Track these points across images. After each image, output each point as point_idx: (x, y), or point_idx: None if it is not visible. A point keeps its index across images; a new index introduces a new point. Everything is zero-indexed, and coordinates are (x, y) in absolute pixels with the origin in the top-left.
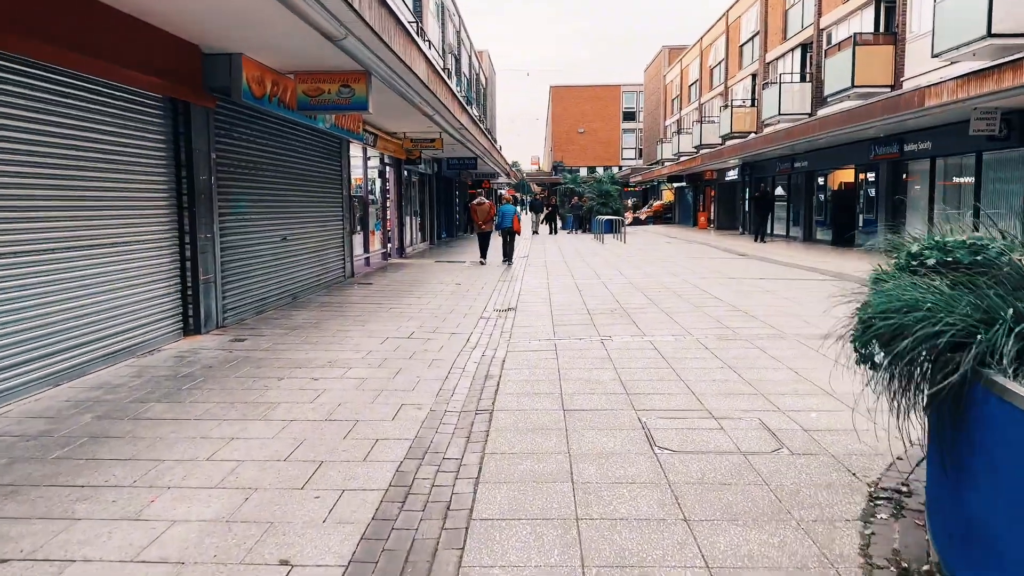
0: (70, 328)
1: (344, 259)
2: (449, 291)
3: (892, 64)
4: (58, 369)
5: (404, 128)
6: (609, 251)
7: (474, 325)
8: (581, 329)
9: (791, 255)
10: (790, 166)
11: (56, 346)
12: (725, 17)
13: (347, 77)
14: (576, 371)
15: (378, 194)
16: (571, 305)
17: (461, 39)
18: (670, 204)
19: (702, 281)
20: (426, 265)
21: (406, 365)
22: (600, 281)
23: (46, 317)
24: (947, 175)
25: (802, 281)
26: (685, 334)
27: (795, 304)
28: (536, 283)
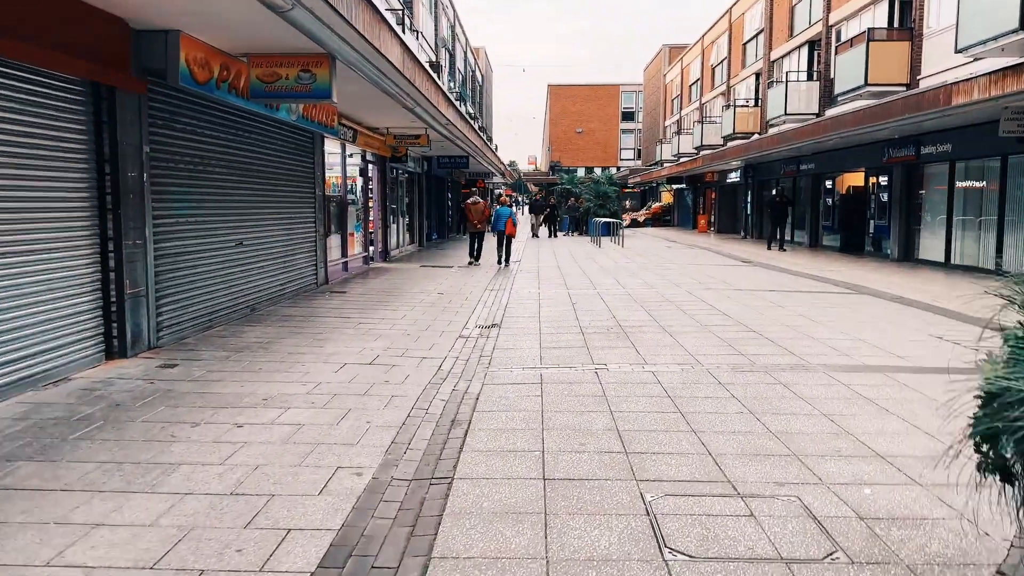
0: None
1: (316, 265)
2: (430, 302)
3: (908, 61)
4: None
5: (386, 123)
6: (606, 256)
7: (450, 346)
8: (572, 353)
9: (798, 263)
10: (796, 168)
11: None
12: (728, 14)
13: (308, 61)
14: (563, 415)
15: (359, 194)
16: (562, 321)
17: (455, 34)
18: (669, 206)
19: (707, 293)
20: (410, 270)
21: (358, 404)
22: (596, 292)
23: None
24: (968, 179)
25: (816, 295)
26: (693, 363)
27: (813, 324)
28: (526, 293)
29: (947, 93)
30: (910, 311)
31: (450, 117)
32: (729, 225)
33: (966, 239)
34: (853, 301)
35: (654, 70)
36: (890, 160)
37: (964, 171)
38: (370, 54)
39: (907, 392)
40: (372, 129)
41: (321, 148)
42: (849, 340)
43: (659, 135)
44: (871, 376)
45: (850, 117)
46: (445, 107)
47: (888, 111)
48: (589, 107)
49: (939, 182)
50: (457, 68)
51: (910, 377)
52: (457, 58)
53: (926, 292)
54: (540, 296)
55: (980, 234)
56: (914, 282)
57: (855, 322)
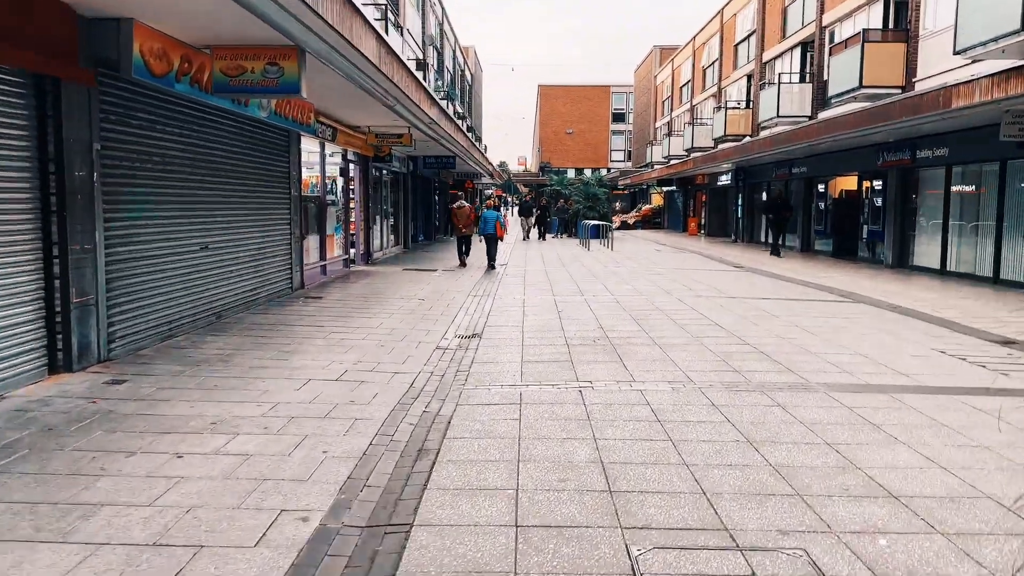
0: None
1: (291, 269)
2: (409, 308)
3: (903, 63)
4: None
5: (367, 121)
6: (595, 260)
7: (426, 360)
8: (555, 369)
9: (791, 268)
10: (788, 171)
11: None
12: (720, 15)
13: (275, 53)
14: (542, 444)
15: (339, 194)
16: (547, 331)
17: (444, 32)
18: (659, 208)
19: (698, 301)
20: (392, 274)
21: (316, 430)
22: (583, 299)
23: None
24: (965, 184)
25: (811, 303)
26: (684, 380)
27: (810, 336)
28: (510, 299)
29: (947, 95)
30: (909, 322)
31: (433, 116)
32: (719, 228)
33: (963, 246)
34: (850, 311)
35: (645, 71)
36: (885, 164)
37: (961, 176)
38: (342, 47)
39: (915, 416)
40: (353, 128)
41: (297, 147)
42: (848, 355)
43: (649, 137)
44: (875, 397)
45: (846, 119)
46: (428, 105)
47: (886, 113)
48: (579, 108)
49: (935, 187)
50: (446, 67)
51: (917, 399)
52: (445, 57)
53: (924, 301)
54: (525, 303)
55: (977, 241)
56: (910, 290)
57: (854, 334)
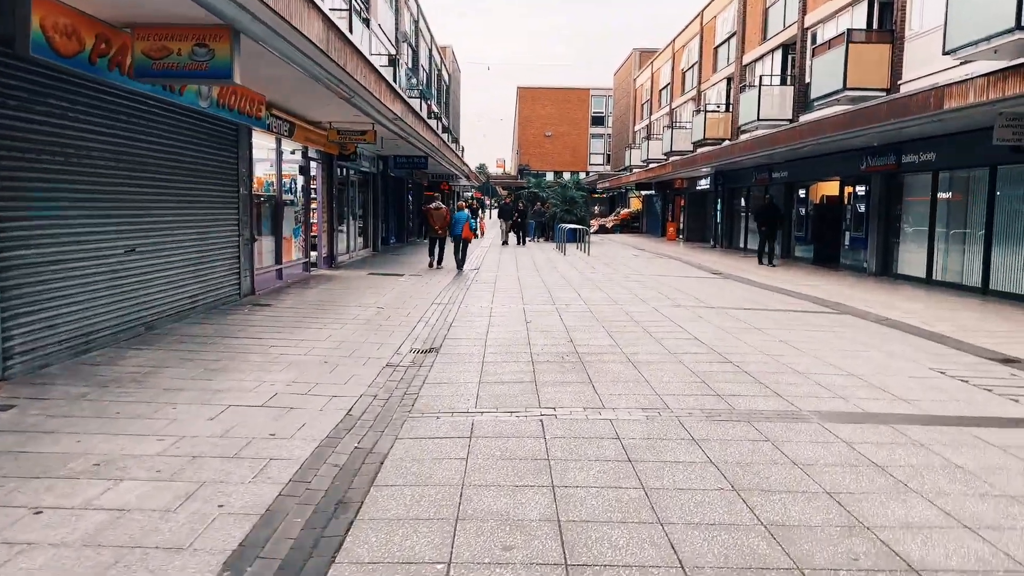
0: None
1: (239, 273)
2: (366, 318)
3: (888, 65)
4: None
5: (327, 116)
6: (570, 265)
7: (372, 379)
8: (516, 392)
9: (771, 276)
10: (768, 176)
11: None
12: (700, 17)
13: (204, 34)
14: (489, 493)
15: (298, 194)
16: (512, 345)
17: (419, 30)
18: (637, 213)
19: (676, 312)
20: (355, 279)
21: (218, 474)
22: (554, 308)
23: None
24: (953, 190)
25: (795, 315)
26: (660, 407)
27: (797, 352)
28: (476, 308)
29: (938, 96)
30: (900, 336)
31: (398, 112)
32: (698, 233)
33: (950, 254)
34: (836, 323)
35: (624, 74)
36: (869, 169)
37: (948, 182)
38: (281, 28)
39: (923, 455)
40: (313, 124)
41: (248, 142)
42: (840, 375)
43: (628, 140)
44: (875, 430)
45: (831, 121)
46: (391, 100)
47: (873, 115)
48: (559, 110)
49: (921, 193)
50: (421, 65)
51: (922, 432)
52: (421, 55)
53: (913, 313)
54: (492, 312)
55: (965, 249)
56: (897, 300)
57: (843, 351)
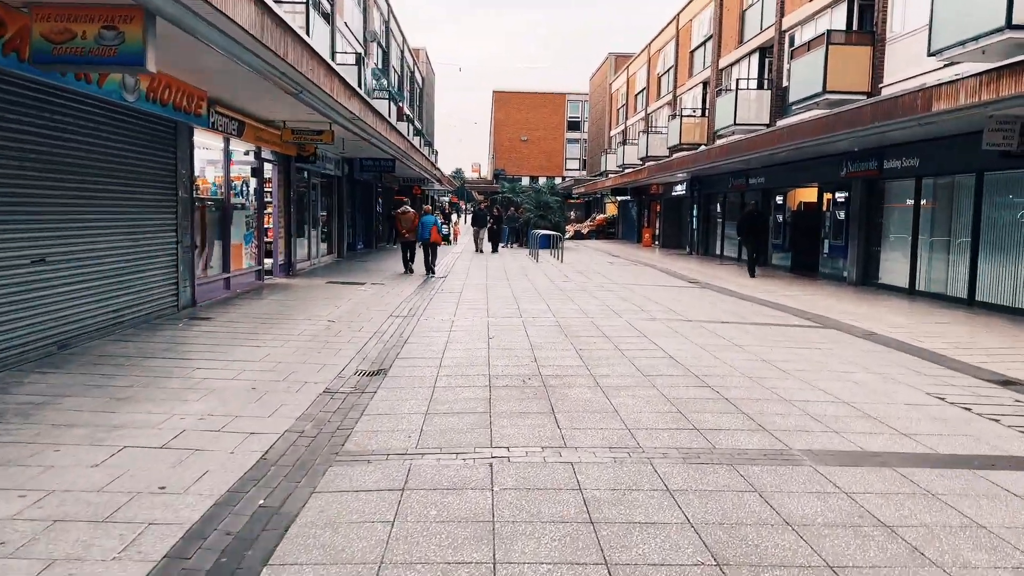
0: None
1: (178, 283)
2: (313, 333)
3: (869, 67)
4: None
5: (280, 115)
6: (542, 273)
7: (301, 411)
8: (467, 425)
9: (748, 285)
10: (744, 182)
11: None
12: (675, 21)
13: (112, 15)
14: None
15: (251, 197)
16: (470, 366)
17: (390, 30)
18: (613, 218)
19: (651, 326)
20: (313, 288)
21: (75, 549)
22: (521, 321)
23: None
24: (937, 197)
25: (776, 329)
26: (631, 446)
27: (782, 375)
28: (437, 321)
29: (926, 98)
30: (891, 355)
31: (354, 110)
32: (674, 240)
33: (934, 263)
34: (821, 339)
35: (600, 79)
36: (849, 175)
37: (933, 188)
38: (201, 9)
39: (939, 511)
40: (266, 123)
41: (188, 141)
42: (832, 403)
43: (604, 145)
44: (878, 475)
45: (812, 125)
46: (346, 97)
47: (856, 118)
48: (535, 115)
49: (903, 199)
50: (392, 66)
51: (932, 477)
52: (392, 56)
53: (900, 328)
54: (453, 326)
55: (950, 259)
56: (881, 312)
57: (832, 372)
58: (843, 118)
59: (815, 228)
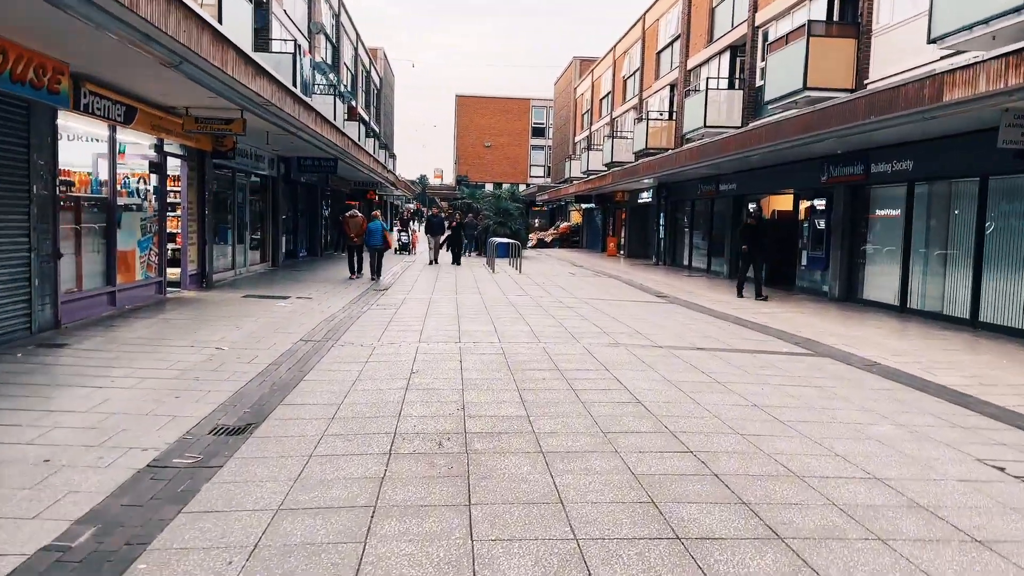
0: None
1: (31, 301)
2: (184, 366)
3: (854, 62)
4: None
5: (177, 98)
6: (496, 285)
7: (98, 500)
8: (331, 538)
9: (722, 300)
10: (715, 189)
11: None
12: (642, 21)
13: None
14: None
15: (149, 197)
16: (373, 419)
17: (341, 25)
18: (577, 227)
19: (614, 354)
20: (222, 304)
21: None
22: (458, 348)
23: None
24: (934, 205)
25: (763, 357)
26: (576, 565)
27: (783, 429)
28: (356, 347)
29: (936, 86)
30: (907, 396)
31: (264, 93)
32: (640, 249)
33: (929, 279)
34: (817, 372)
35: (564, 83)
36: (831, 180)
37: (928, 195)
38: None
39: None
40: (165, 109)
41: (49, 125)
42: (862, 480)
43: (569, 151)
44: None
45: (792, 123)
46: (248, 75)
47: (846, 113)
48: (498, 120)
49: (893, 207)
50: (344, 63)
51: None
52: (344, 53)
53: (904, 354)
54: (372, 355)
55: (948, 273)
56: (876, 335)
57: (846, 426)
58: (832, 114)
59: (790, 238)
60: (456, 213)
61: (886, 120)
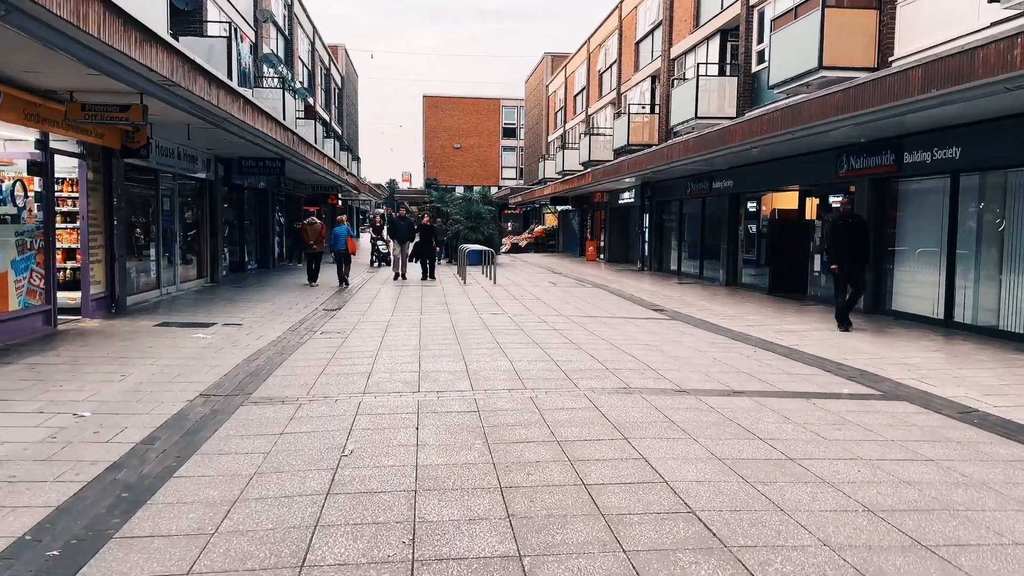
0: None
1: None
2: (1, 455)
3: (875, 38)
4: None
5: (56, 79)
6: (467, 301)
7: None
8: None
9: (730, 313)
10: (708, 187)
11: None
12: (618, 10)
13: None
14: None
15: (32, 207)
16: (259, 572)
17: (295, 16)
18: (553, 230)
19: (630, 409)
20: (126, 335)
21: None
22: (416, 401)
23: None
24: (985, 200)
25: (824, 403)
26: None
27: (929, 557)
28: (273, 407)
29: (1002, 53)
30: None
31: (162, 70)
32: (621, 253)
33: (982, 288)
34: (904, 426)
35: (536, 81)
36: (850, 173)
37: (978, 188)
38: None
39: None
40: (43, 94)
41: None
42: None
43: (542, 151)
44: None
45: (818, 103)
46: (132, 43)
47: (899, 86)
48: (468, 121)
49: (931, 204)
50: (299, 57)
51: None
52: (299, 47)
53: (997, 392)
54: (289, 424)
55: (1009, 282)
56: (938, 361)
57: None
58: (872, 90)
59: (800, 240)
60: (424, 215)
61: (951, 94)
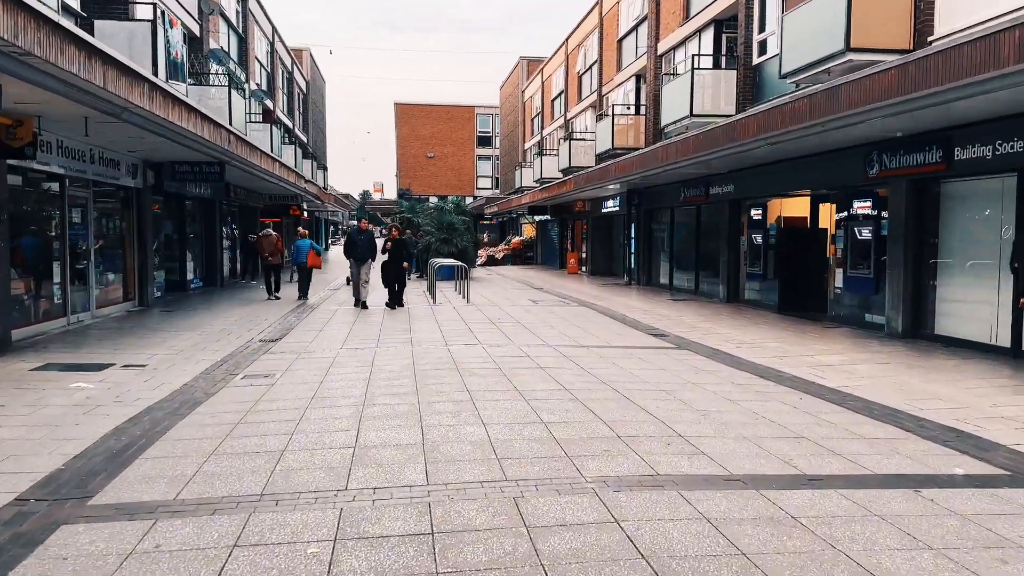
0: None
1: None
2: None
3: (911, 14)
4: None
5: None
6: (436, 326)
7: None
8: None
9: (746, 340)
10: (703, 193)
11: None
12: (598, 7)
13: None
14: None
15: None
16: None
17: (250, 12)
18: (531, 241)
19: (667, 521)
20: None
21: None
22: (337, 516)
23: None
24: None
25: (916, 501)
26: None
27: None
28: (101, 533)
29: None
30: None
31: (5, 32)
32: (605, 265)
33: None
34: None
35: (511, 87)
36: (884, 173)
37: None
38: None
39: None
40: None
41: None
42: None
43: (519, 159)
44: None
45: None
46: None
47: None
48: (442, 129)
49: (990, 207)
50: (255, 57)
51: None
52: (255, 46)
53: None
54: (120, 571)
55: None
56: None
57: None
58: (934, 67)
59: (816, 252)
60: (393, 229)
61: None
